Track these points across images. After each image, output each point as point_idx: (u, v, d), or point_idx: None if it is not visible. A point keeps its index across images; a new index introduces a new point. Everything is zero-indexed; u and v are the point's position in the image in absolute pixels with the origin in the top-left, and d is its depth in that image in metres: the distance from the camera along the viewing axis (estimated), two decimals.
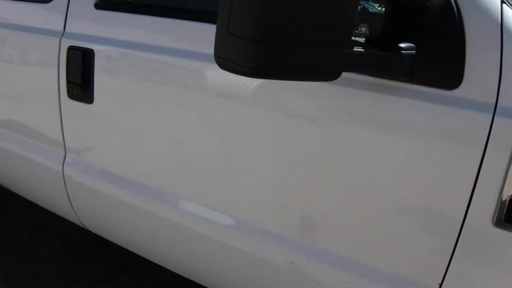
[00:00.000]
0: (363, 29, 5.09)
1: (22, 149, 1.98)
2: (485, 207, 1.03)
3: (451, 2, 1.04)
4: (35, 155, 1.93)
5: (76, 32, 1.68)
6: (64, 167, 1.84)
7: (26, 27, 1.83)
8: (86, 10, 1.65)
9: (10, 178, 2.18)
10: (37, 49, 1.81)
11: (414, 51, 1.06)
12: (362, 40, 1.09)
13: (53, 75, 1.75)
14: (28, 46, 1.84)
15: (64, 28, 1.72)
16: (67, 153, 1.83)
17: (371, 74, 1.13)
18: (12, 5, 1.91)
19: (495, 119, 0.99)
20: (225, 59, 0.92)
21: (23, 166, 2.02)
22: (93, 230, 1.98)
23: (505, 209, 1.01)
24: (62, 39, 1.71)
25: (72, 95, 1.71)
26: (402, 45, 1.05)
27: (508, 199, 1.01)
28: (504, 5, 1.01)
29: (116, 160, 1.69)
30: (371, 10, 15.77)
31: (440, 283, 1.13)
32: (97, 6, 1.63)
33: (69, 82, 1.70)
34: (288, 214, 1.32)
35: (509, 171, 0.99)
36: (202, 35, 1.40)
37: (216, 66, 1.34)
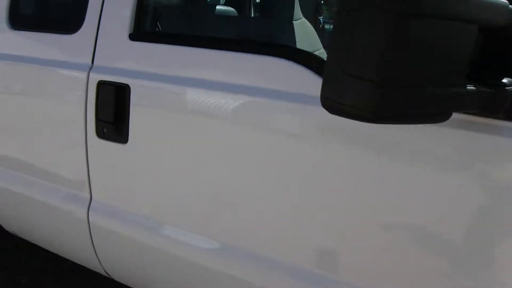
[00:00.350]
0: None
1: (39, 193, 1.84)
2: None
3: None
4: (54, 200, 1.79)
5: (107, 66, 1.56)
6: (89, 212, 1.70)
7: (48, 61, 1.71)
8: (119, 41, 1.55)
9: (24, 225, 2.02)
10: (60, 85, 1.69)
11: None
12: None
13: (78, 112, 1.63)
14: (50, 81, 1.72)
15: (93, 62, 1.60)
16: (93, 197, 1.70)
17: (465, 112, 1.06)
18: (31, 37, 1.79)
19: None
20: (338, 101, 0.83)
21: (40, 212, 1.87)
22: (119, 280, 1.83)
23: None
24: (91, 73, 1.59)
25: (102, 134, 1.59)
26: (505, 80, 0.99)
27: None
28: None
29: (151, 204, 1.57)
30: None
31: None
32: (132, 37, 1.52)
33: (98, 120, 1.58)
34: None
35: None
36: (252, 67, 1.32)
37: (264, 100, 1.28)
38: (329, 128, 1.19)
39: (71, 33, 1.66)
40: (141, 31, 1.54)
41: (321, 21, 4.69)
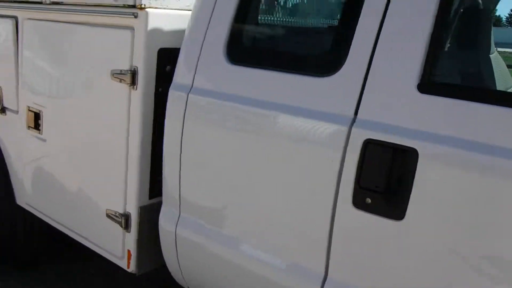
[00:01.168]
0: None
1: (247, 260, 1.57)
2: None
3: None
4: (271, 271, 1.52)
5: (380, 121, 1.28)
6: None
7: (285, 107, 1.44)
8: (401, 92, 1.26)
9: None
10: (302, 137, 1.42)
11: None
12: None
13: (327, 173, 1.36)
14: (286, 132, 1.45)
15: (356, 113, 1.33)
16: (328, 275, 1.42)
17: None
18: (260, 76, 1.53)
19: None
20: None
21: (248, 282, 1.60)
22: None
23: None
24: (354, 128, 1.32)
25: (362, 204, 1.31)
26: None
27: None
28: None
29: None
30: None
31: None
32: (422, 88, 1.24)
33: (360, 187, 1.31)
34: None
35: None
36: None
37: None
38: None
39: (324, 76, 1.39)
40: (433, 81, 1.26)
41: None
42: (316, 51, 1.56)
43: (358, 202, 1.32)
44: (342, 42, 1.38)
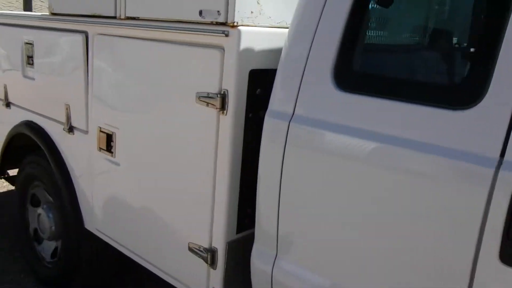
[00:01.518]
0: None
1: None
2: None
3: None
4: None
5: None
6: None
7: (419, 144, 1.30)
8: None
9: None
10: (441, 179, 1.28)
11: None
12: None
13: (470, 221, 1.22)
14: (423, 173, 1.31)
15: (503, 154, 1.18)
16: None
17: None
18: (376, 105, 1.39)
19: None
20: None
21: None
22: None
23: None
24: (501, 172, 1.17)
25: (508, 258, 1.16)
26: None
27: None
28: None
29: None
30: None
31: None
32: None
33: (510, 239, 1.16)
34: None
35: None
36: None
37: None
38: None
39: (460, 109, 1.25)
40: None
41: None
42: (450, 77, 1.41)
43: (507, 257, 1.17)
44: (482, 67, 1.23)
